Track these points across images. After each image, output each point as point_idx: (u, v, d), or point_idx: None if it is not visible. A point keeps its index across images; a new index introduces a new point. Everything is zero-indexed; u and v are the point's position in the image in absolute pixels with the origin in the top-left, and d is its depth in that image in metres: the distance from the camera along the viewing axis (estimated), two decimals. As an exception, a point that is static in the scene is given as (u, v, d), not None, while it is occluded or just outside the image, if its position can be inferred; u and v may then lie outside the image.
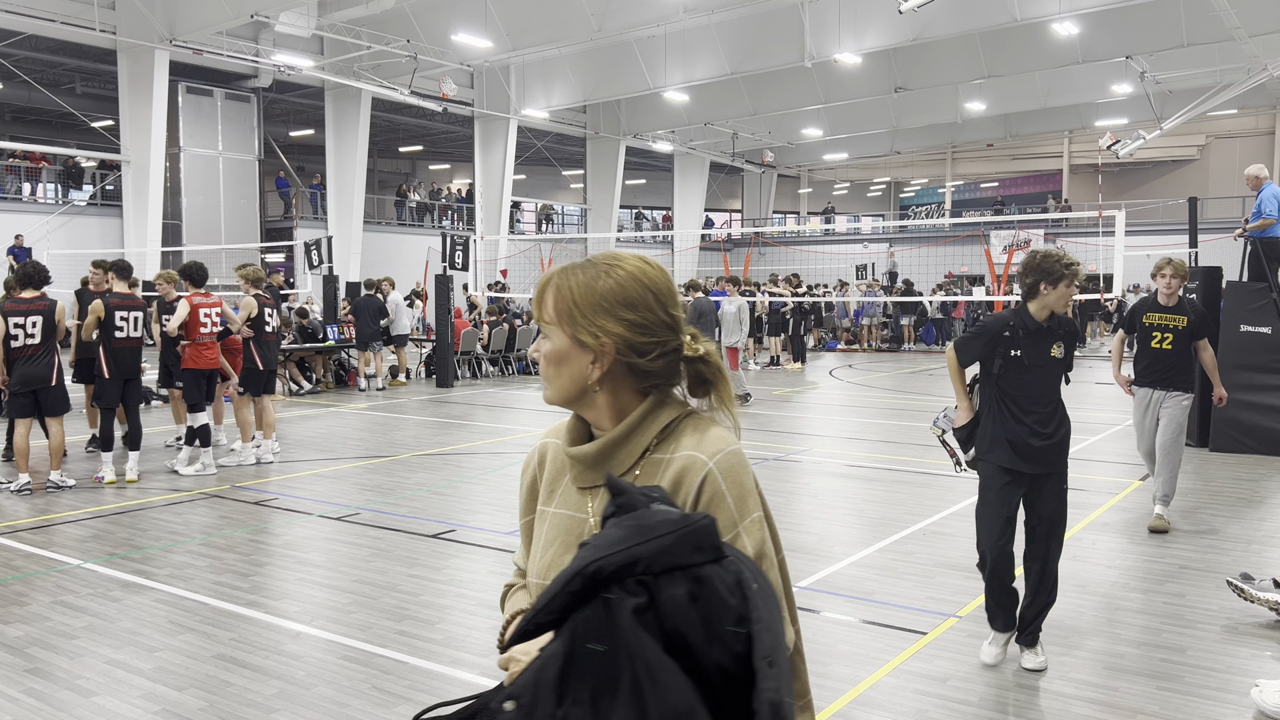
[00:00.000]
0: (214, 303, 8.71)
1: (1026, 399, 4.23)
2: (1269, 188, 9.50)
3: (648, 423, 1.54)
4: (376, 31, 23.46)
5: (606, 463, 1.54)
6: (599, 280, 1.53)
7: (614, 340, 1.51)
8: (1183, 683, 4.03)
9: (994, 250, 30.64)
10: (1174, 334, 6.45)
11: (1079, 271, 4.18)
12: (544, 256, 29.15)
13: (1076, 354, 4.51)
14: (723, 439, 1.52)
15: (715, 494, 1.47)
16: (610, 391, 1.55)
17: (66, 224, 24.40)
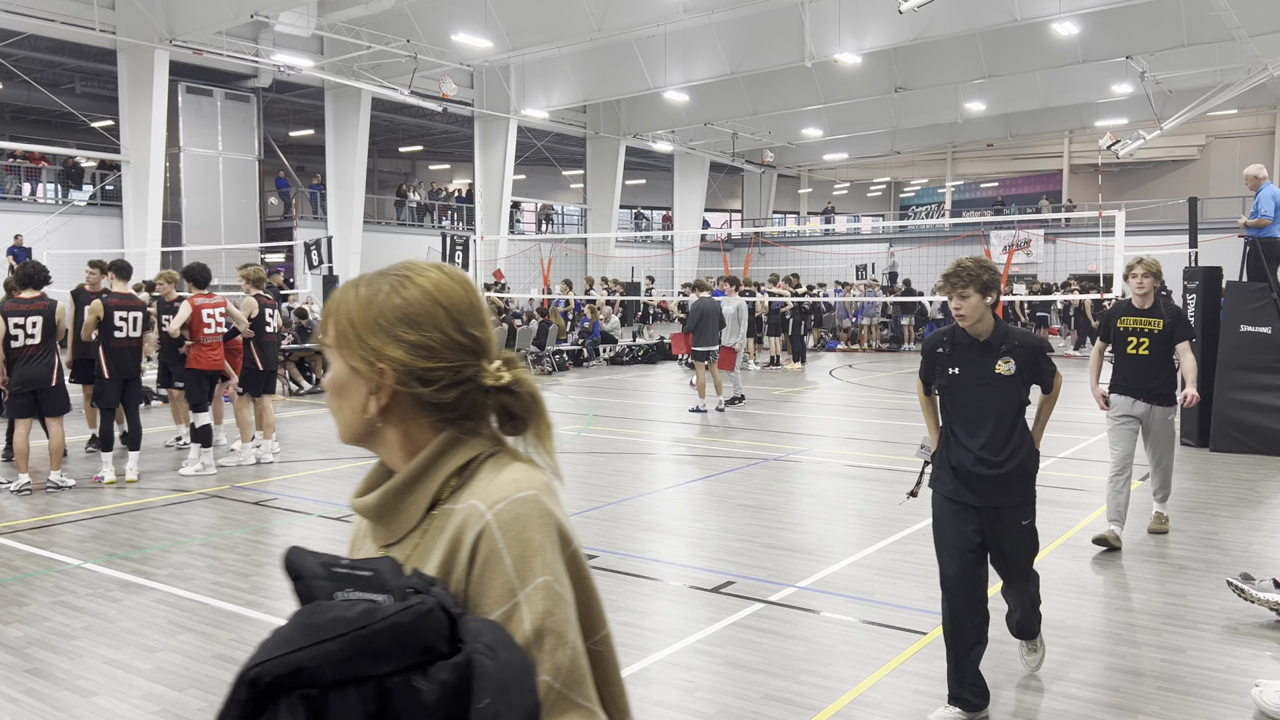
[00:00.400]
0: (218, 303, 8.70)
1: (971, 421, 3.79)
2: (1267, 188, 9.50)
3: (437, 466, 1.27)
4: (376, 31, 23.45)
5: (392, 516, 1.28)
6: (381, 295, 1.28)
7: (392, 366, 1.26)
8: (1183, 683, 4.03)
9: (994, 250, 30.68)
10: (1150, 339, 5.99)
11: (958, 280, 3.75)
12: (544, 257, 29.17)
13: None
14: (514, 483, 1.22)
15: (490, 555, 1.17)
16: (400, 429, 1.29)
17: (66, 224, 24.39)
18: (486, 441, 1.30)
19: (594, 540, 6.29)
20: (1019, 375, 3.76)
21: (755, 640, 4.51)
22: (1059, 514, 6.94)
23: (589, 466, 8.95)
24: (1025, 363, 3.77)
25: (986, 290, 3.76)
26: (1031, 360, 3.79)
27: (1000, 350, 3.76)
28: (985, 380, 3.77)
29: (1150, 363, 6.01)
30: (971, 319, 3.76)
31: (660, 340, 22.42)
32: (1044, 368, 3.84)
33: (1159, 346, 6.00)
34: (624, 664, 4.34)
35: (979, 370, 3.78)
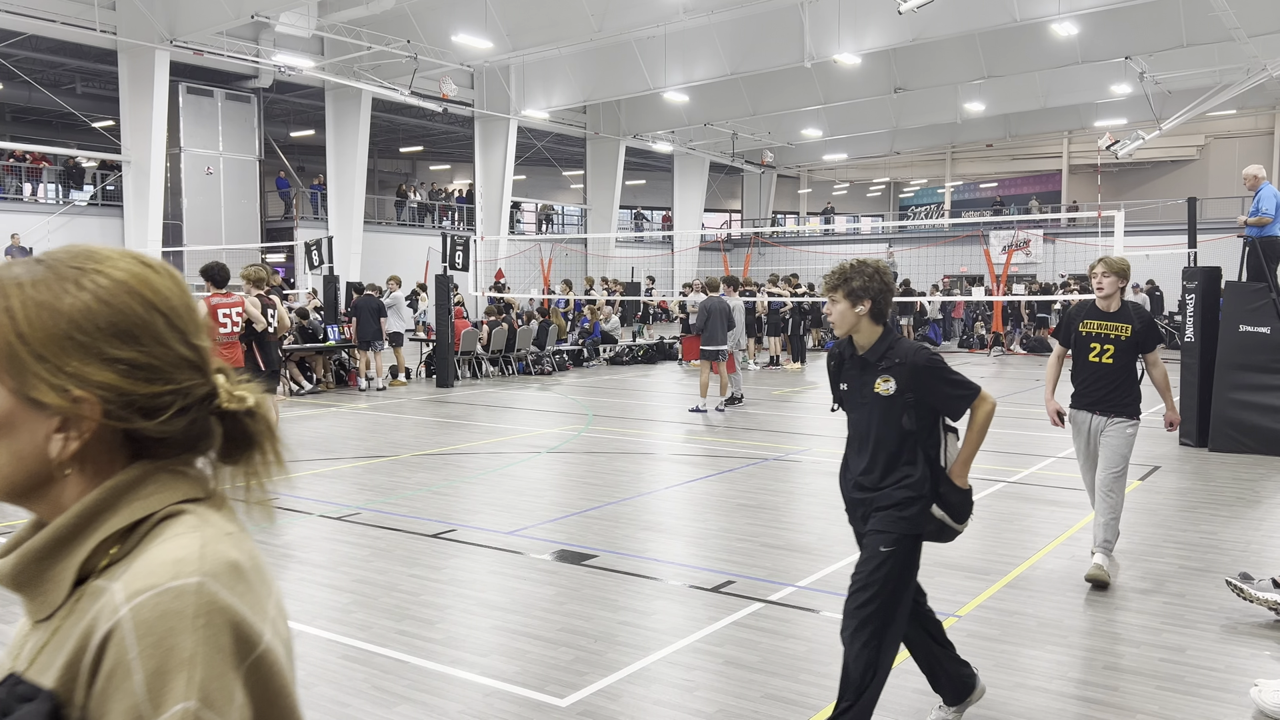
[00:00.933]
0: (235, 302, 8.70)
1: (856, 442, 3.51)
2: (1267, 188, 9.51)
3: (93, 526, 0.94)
4: (376, 32, 23.47)
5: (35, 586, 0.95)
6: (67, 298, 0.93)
7: (99, 394, 0.93)
8: (1182, 682, 4.04)
9: (993, 250, 30.69)
10: (1115, 345, 5.37)
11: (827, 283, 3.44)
12: (544, 257, 29.19)
13: None
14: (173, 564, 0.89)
15: (116, 667, 0.85)
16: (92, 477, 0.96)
17: (67, 224, 24.41)
18: (189, 486, 1.00)
19: (594, 540, 6.31)
20: (900, 397, 3.33)
21: (755, 640, 4.52)
22: (1059, 514, 6.95)
23: (589, 466, 8.96)
24: (908, 383, 3.32)
25: (857, 298, 3.35)
26: (915, 381, 3.31)
27: (879, 368, 3.37)
28: (866, 399, 3.42)
29: (1114, 373, 5.36)
30: (841, 327, 3.42)
31: (660, 340, 22.44)
32: (940, 390, 3.34)
33: (1125, 355, 5.36)
34: (624, 663, 4.35)
35: (860, 387, 3.44)
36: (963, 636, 4.54)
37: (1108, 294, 5.41)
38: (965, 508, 3.42)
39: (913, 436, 3.34)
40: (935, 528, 3.39)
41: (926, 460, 3.37)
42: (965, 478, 3.41)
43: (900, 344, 3.40)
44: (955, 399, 3.35)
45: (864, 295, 3.34)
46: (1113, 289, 5.41)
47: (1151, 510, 7.09)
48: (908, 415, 3.33)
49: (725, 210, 46.99)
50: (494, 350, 17.60)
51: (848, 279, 3.36)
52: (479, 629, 4.70)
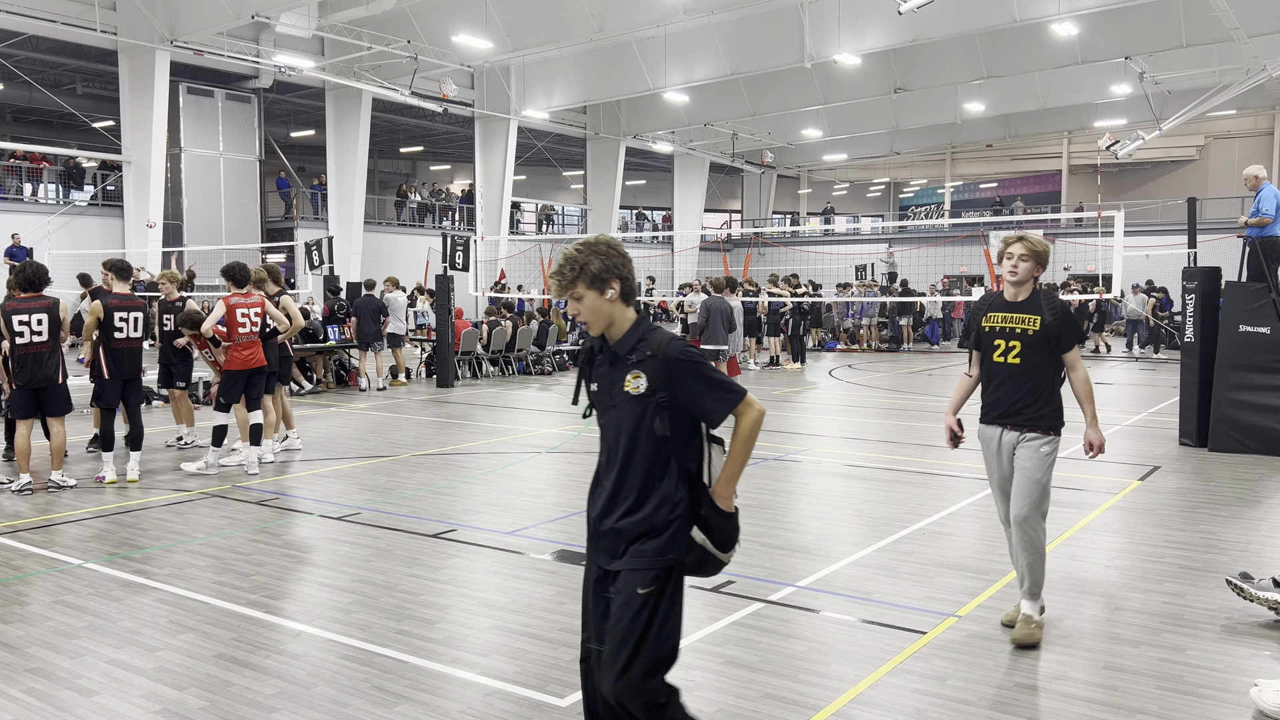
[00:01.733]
0: (255, 302, 8.70)
1: (606, 453, 2.93)
2: (1267, 188, 9.52)
3: None
4: (377, 32, 23.48)
5: None
6: None
7: None
8: (1182, 682, 4.04)
9: (993, 250, 30.67)
10: (1021, 341, 4.47)
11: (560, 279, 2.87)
12: (544, 257, 29.19)
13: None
14: None
15: None
16: None
17: (67, 224, 24.42)
18: None
19: (594, 540, 6.31)
20: (652, 396, 2.79)
21: (755, 640, 4.52)
22: (1058, 514, 6.95)
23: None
24: (660, 380, 2.78)
25: (603, 283, 2.82)
26: (668, 377, 2.78)
27: (629, 362, 2.83)
28: (615, 400, 2.86)
29: (1022, 376, 4.48)
30: (597, 324, 2.87)
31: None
32: (695, 390, 2.78)
33: (1034, 353, 4.46)
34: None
35: (610, 386, 2.88)
36: (963, 636, 4.55)
37: (1020, 279, 4.49)
38: (730, 534, 2.87)
39: (667, 445, 2.81)
40: (696, 557, 2.85)
41: (684, 475, 2.83)
42: (729, 499, 2.85)
43: (654, 333, 2.86)
44: (713, 402, 2.78)
45: (609, 276, 2.83)
46: (1027, 274, 4.50)
47: (1151, 510, 7.10)
48: (660, 419, 2.79)
49: (725, 210, 47.00)
50: (494, 350, 17.60)
51: (584, 265, 2.82)
52: (479, 629, 4.70)
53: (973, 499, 7.47)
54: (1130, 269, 22.53)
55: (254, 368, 8.64)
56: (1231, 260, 10.58)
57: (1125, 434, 10.74)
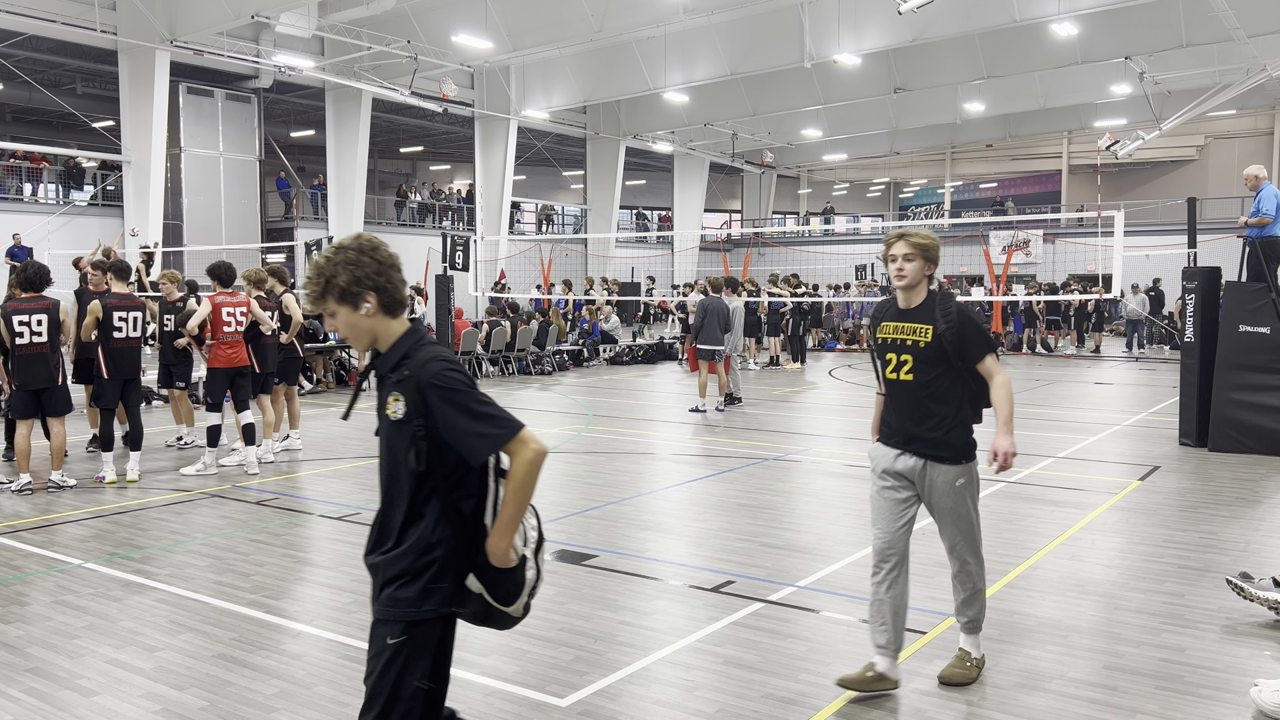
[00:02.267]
0: (240, 302, 8.71)
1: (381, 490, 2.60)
2: (1268, 188, 9.52)
3: None
4: (377, 32, 23.48)
5: None
6: None
7: None
8: (1182, 682, 4.04)
9: (993, 251, 30.70)
10: (913, 356, 3.87)
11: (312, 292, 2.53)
12: (544, 257, 29.20)
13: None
14: None
15: None
16: None
17: (67, 224, 24.42)
18: None
19: (594, 540, 6.31)
20: (409, 424, 2.43)
21: (755, 639, 4.52)
22: (1059, 514, 6.95)
23: (589, 466, 8.96)
24: (417, 406, 2.41)
25: (355, 297, 2.48)
26: (422, 401, 2.40)
27: (390, 382, 2.49)
28: (380, 428, 2.55)
29: (915, 395, 3.88)
30: (359, 341, 2.55)
31: (660, 340, 22.44)
32: (453, 420, 2.38)
33: (928, 369, 3.85)
34: (624, 663, 4.34)
35: (379, 408, 2.53)
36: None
37: (909, 283, 3.87)
38: (511, 588, 2.52)
39: (428, 480, 2.44)
40: (479, 607, 2.55)
41: (452, 515, 2.46)
42: (504, 553, 2.45)
43: (419, 350, 2.48)
44: (473, 437, 2.38)
45: (361, 288, 2.47)
46: (917, 276, 3.87)
47: (1151, 510, 7.10)
48: (416, 450, 2.42)
49: (725, 210, 47.01)
50: (494, 350, 17.61)
51: (330, 279, 2.48)
52: (479, 629, 4.70)
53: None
54: (1130, 269, 22.54)
55: (237, 367, 8.67)
56: (1231, 260, 10.58)
57: (1125, 434, 10.75)
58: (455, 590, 2.50)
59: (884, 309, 4.04)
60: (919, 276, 3.88)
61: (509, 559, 2.47)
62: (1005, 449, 3.83)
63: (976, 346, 3.84)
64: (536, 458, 2.41)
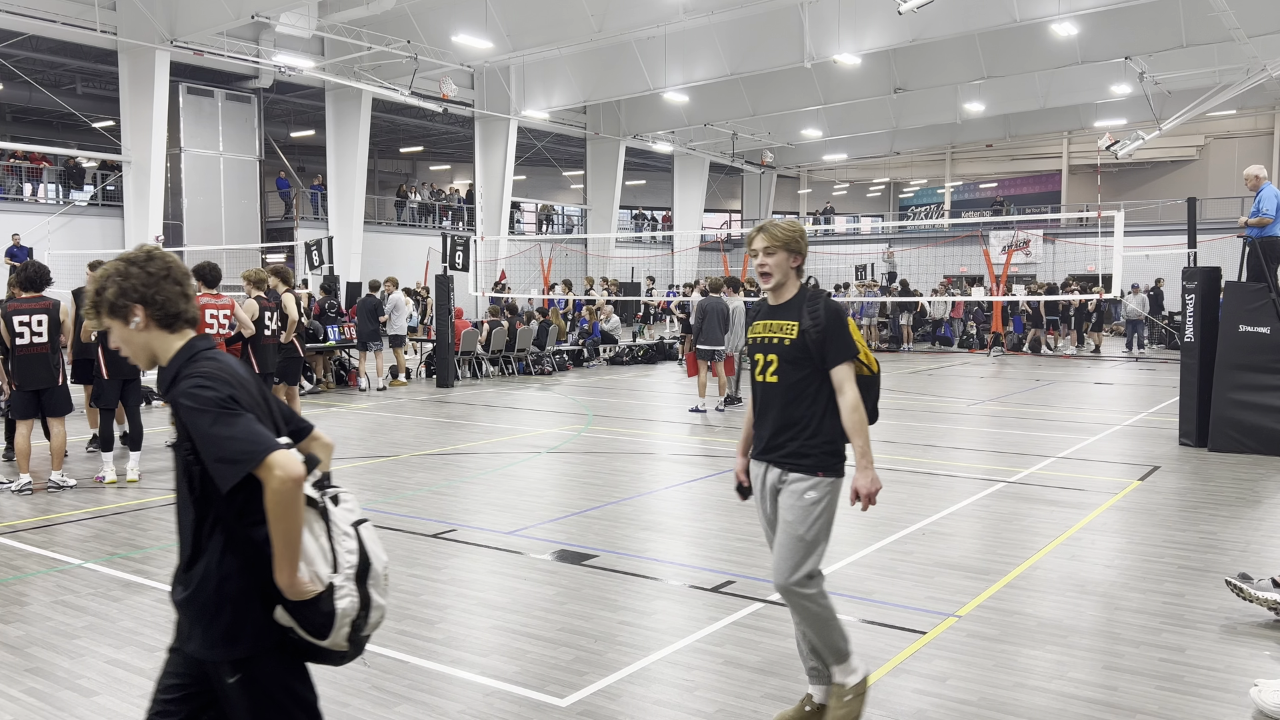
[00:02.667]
0: (224, 304, 8.71)
1: None
2: (1268, 188, 9.52)
3: None
4: (377, 32, 23.48)
5: None
6: None
7: None
8: (1182, 682, 4.04)
9: (993, 251, 30.69)
10: (779, 355, 3.55)
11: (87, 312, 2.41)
12: (544, 257, 29.21)
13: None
14: None
15: None
16: None
17: (67, 224, 24.42)
18: None
19: (594, 540, 6.31)
20: (181, 447, 2.29)
21: (755, 639, 4.52)
22: (1059, 514, 6.95)
23: (589, 466, 8.96)
24: (183, 426, 2.26)
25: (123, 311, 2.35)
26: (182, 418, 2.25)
27: (168, 395, 2.32)
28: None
29: (780, 398, 3.54)
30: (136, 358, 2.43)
31: (660, 340, 22.44)
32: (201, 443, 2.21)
33: (793, 370, 3.52)
34: (624, 663, 4.34)
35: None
36: (963, 637, 4.55)
37: (774, 281, 3.56)
38: (319, 617, 2.26)
39: (209, 510, 2.27)
40: (302, 644, 2.32)
41: (240, 545, 2.27)
42: (287, 583, 2.21)
43: (191, 364, 2.31)
44: (216, 461, 2.19)
45: (129, 301, 2.34)
46: (781, 271, 3.56)
47: (1151, 510, 7.10)
48: (188, 476, 2.27)
49: (725, 210, 47.01)
50: (494, 350, 17.60)
51: (100, 293, 2.36)
52: (479, 629, 4.71)
53: (973, 499, 7.47)
54: (1130, 269, 22.53)
55: None
56: (1231, 260, 10.58)
57: (1125, 434, 10.75)
58: (268, 624, 2.29)
59: (758, 309, 3.75)
60: (784, 270, 3.57)
61: (300, 590, 2.22)
62: (865, 487, 3.46)
63: (835, 350, 3.47)
64: (283, 486, 2.16)
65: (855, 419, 3.48)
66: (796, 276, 3.62)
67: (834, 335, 3.48)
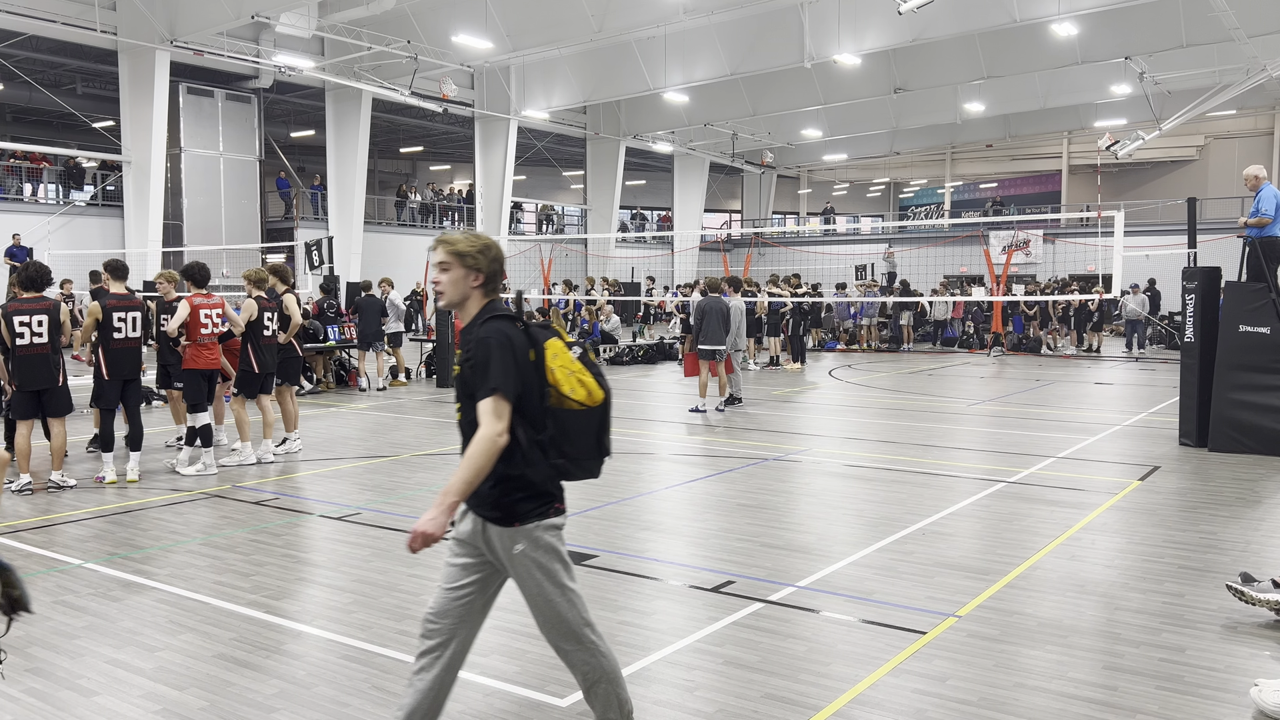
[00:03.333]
0: (215, 304, 8.72)
1: None
2: (1267, 188, 9.51)
3: None
4: (377, 32, 23.48)
5: None
6: None
7: None
8: (1182, 682, 4.04)
9: (993, 251, 30.68)
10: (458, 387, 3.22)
11: None
12: (544, 257, 29.19)
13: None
14: None
15: None
16: None
17: (68, 224, 24.43)
18: None
19: (594, 540, 6.31)
20: None
21: (755, 640, 4.52)
22: (1059, 514, 6.95)
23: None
24: None
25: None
26: None
27: None
28: None
29: (466, 433, 3.17)
30: None
31: (660, 340, 22.43)
32: None
33: (468, 403, 3.12)
34: (624, 663, 4.34)
35: None
36: (963, 637, 4.55)
37: (449, 298, 3.21)
38: None
39: None
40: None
41: None
42: None
43: None
44: None
45: None
46: (456, 289, 3.18)
47: (1151, 510, 7.10)
48: None
49: (725, 210, 47.01)
50: (494, 350, 17.57)
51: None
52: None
53: (973, 499, 7.47)
54: (1130, 269, 22.53)
55: (214, 369, 8.73)
56: (1231, 260, 10.58)
57: (1125, 434, 10.75)
58: None
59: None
60: (459, 289, 3.17)
61: None
62: (421, 528, 2.96)
63: (480, 380, 3.01)
64: None
65: (471, 452, 3.00)
66: (483, 295, 3.20)
67: (481, 364, 3.04)
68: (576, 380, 3.12)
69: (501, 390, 2.98)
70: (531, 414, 3.06)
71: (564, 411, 3.12)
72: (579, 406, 3.12)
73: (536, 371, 3.08)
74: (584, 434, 3.15)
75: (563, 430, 3.12)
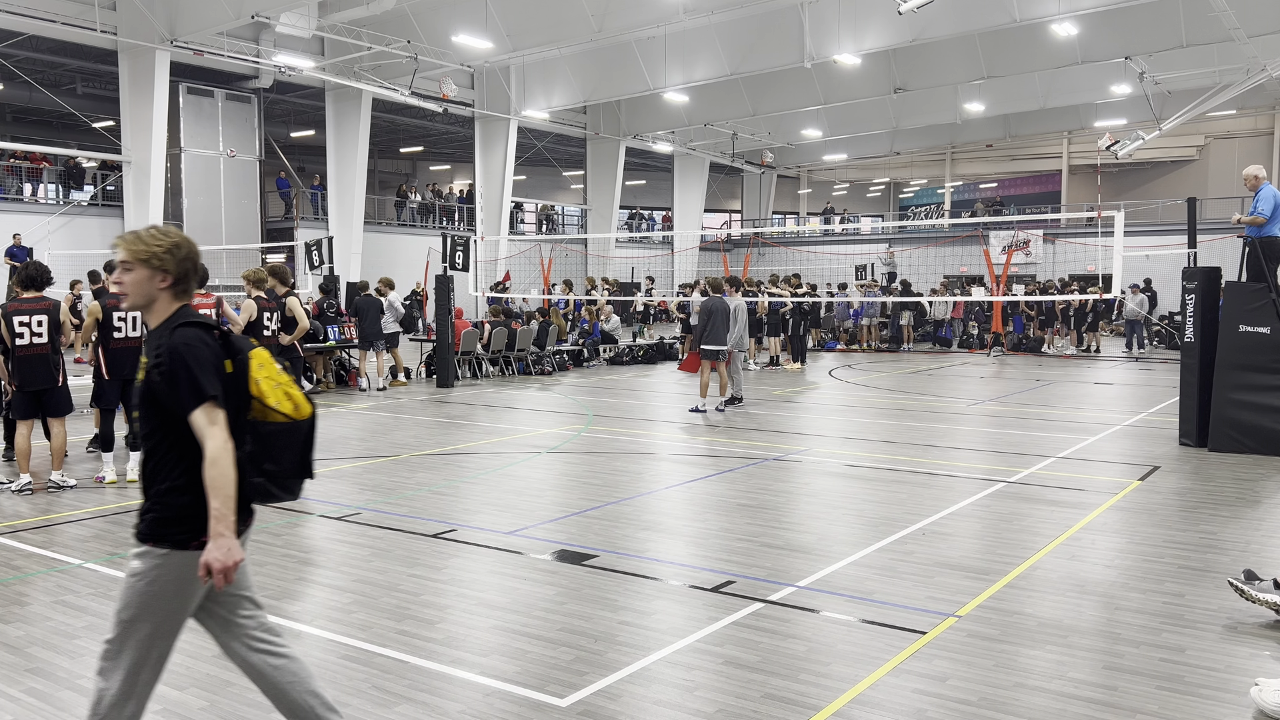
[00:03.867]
0: (211, 303, 8.72)
1: None
2: (1266, 188, 9.52)
3: None
4: (377, 32, 23.48)
5: None
6: None
7: None
8: (1182, 682, 4.04)
9: (993, 251, 30.68)
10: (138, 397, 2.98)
11: None
12: (544, 257, 29.21)
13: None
14: None
15: None
16: None
17: (68, 224, 24.43)
18: None
19: (594, 540, 6.31)
20: None
21: (755, 640, 4.52)
22: (1059, 514, 6.95)
23: (589, 466, 8.96)
24: None
25: None
26: None
27: None
28: None
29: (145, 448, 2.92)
30: None
31: (660, 340, 22.43)
32: None
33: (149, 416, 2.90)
34: (624, 663, 4.35)
35: None
36: (963, 637, 4.55)
37: (133, 300, 2.90)
38: None
39: None
40: None
41: None
42: None
43: None
44: None
45: None
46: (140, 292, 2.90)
47: (1151, 510, 7.10)
48: None
49: (725, 210, 47.01)
50: (494, 350, 17.60)
51: None
52: (479, 629, 4.71)
53: (973, 499, 7.47)
54: (1130, 269, 22.53)
55: None
56: (1231, 260, 10.58)
57: (1125, 434, 10.75)
58: None
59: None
60: (144, 293, 2.88)
61: None
62: (215, 559, 2.72)
63: (183, 394, 2.76)
64: None
65: (211, 474, 2.73)
66: (172, 298, 2.90)
67: (180, 375, 2.76)
68: (283, 393, 2.95)
69: (215, 398, 2.77)
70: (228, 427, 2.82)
71: (267, 425, 2.93)
72: (284, 420, 2.94)
73: (235, 383, 2.87)
74: (288, 450, 2.97)
75: (264, 446, 2.92)
